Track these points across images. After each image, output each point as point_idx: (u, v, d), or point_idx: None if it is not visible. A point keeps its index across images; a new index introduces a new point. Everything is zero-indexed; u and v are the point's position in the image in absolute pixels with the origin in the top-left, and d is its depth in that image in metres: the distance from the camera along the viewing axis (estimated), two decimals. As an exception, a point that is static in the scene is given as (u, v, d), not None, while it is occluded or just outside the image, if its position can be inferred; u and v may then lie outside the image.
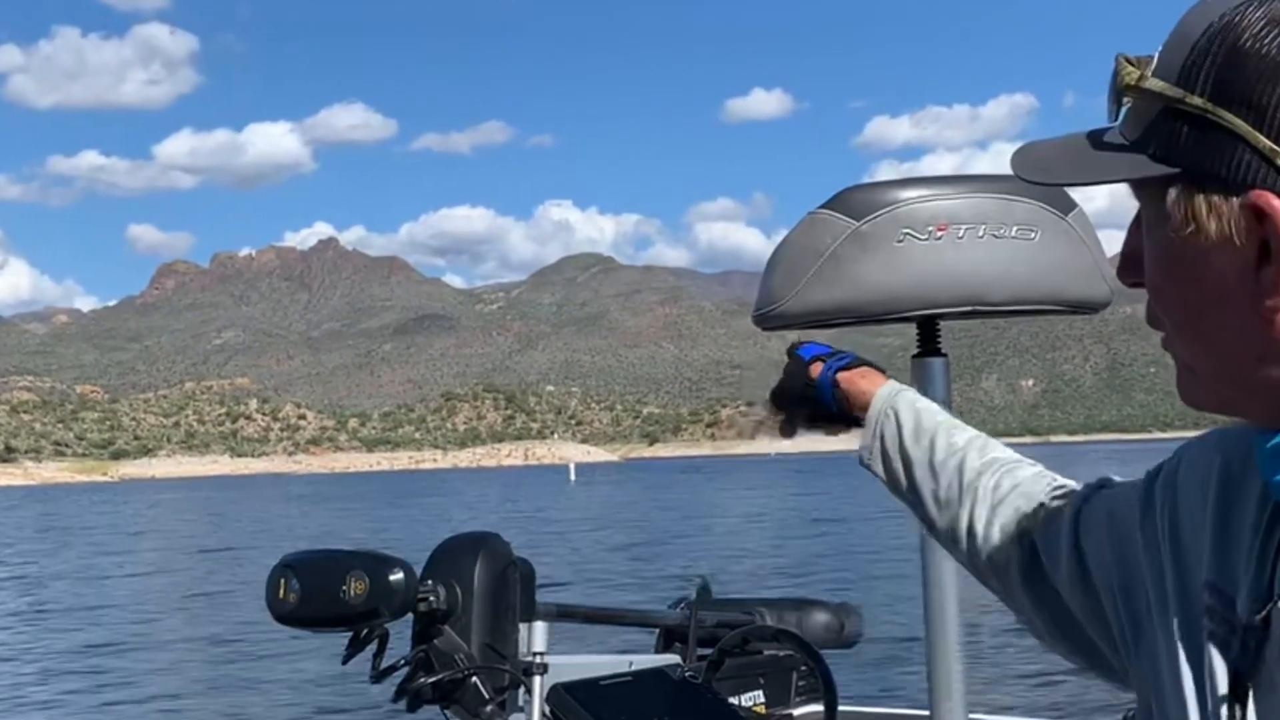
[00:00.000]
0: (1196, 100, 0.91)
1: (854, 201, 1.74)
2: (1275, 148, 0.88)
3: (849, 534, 35.78)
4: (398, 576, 2.07)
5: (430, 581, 2.14)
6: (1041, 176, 1.01)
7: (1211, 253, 0.91)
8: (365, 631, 2.11)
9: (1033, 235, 1.75)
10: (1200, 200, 0.91)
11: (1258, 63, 0.88)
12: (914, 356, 1.81)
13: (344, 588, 2.05)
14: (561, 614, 2.35)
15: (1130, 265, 1.01)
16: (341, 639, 2.15)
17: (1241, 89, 0.89)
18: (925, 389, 1.72)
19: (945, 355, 1.79)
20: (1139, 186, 0.97)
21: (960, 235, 1.75)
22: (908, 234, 1.70)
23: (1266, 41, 0.88)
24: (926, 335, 1.84)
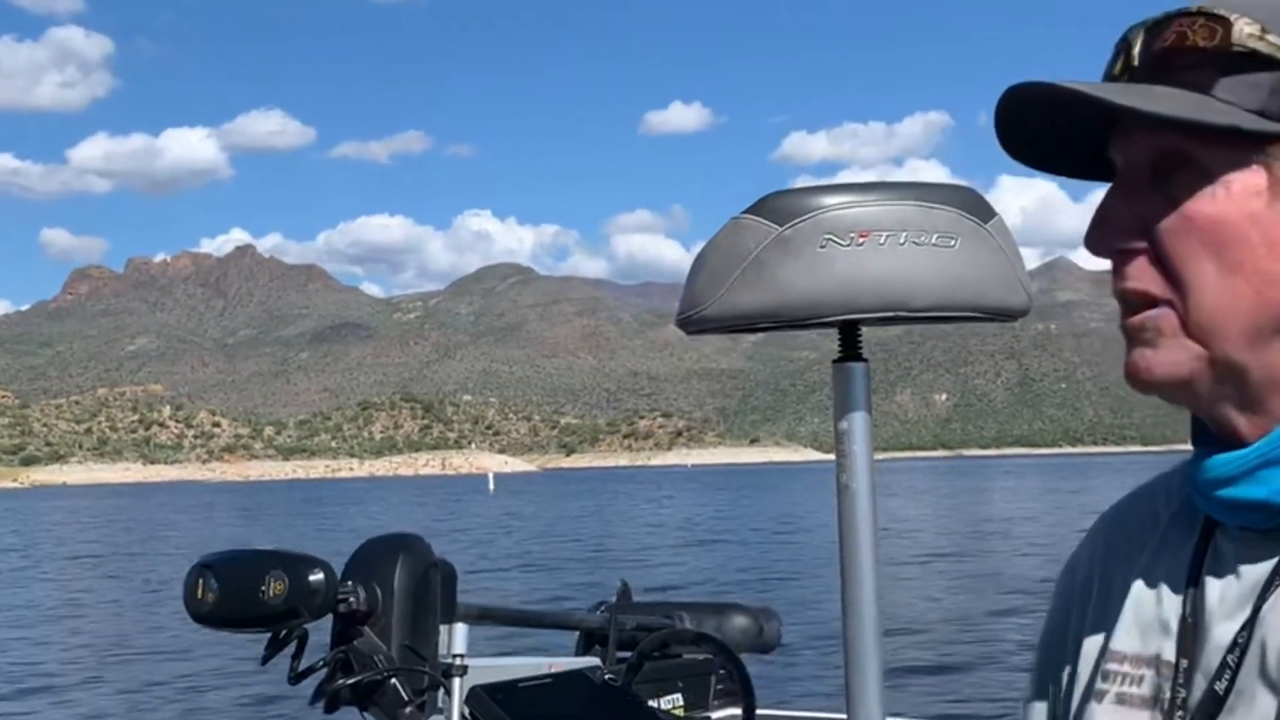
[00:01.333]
0: None
1: (777, 207, 1.76)
2: None
3: (768, 541, 36.02)
4: (318, 577, 2.06)
5: (350, 582, 2.13)
6: (1154, 107, 0.96)
7: None
8: (284, 632, 2.10)
9: (953, 243, 1.78)
10: None
11: None
12: (835, 361, 1.83)
13: (263, 588, 2.04)
14: (482, 616, 2.34)
15: (1119, 232, 1.01)
16: (261, 639, 2.13)
17: None
18: (847, 393, 1.75)
19: (866, 360, 1.81)
20: (1197, 140, 0.97)
21: (882, 242, 1.77)
22: (830, 240, 1.72)
23: None
24: (848, 340, 1.86)
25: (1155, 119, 0.97)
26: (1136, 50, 1.02)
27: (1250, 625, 1.00)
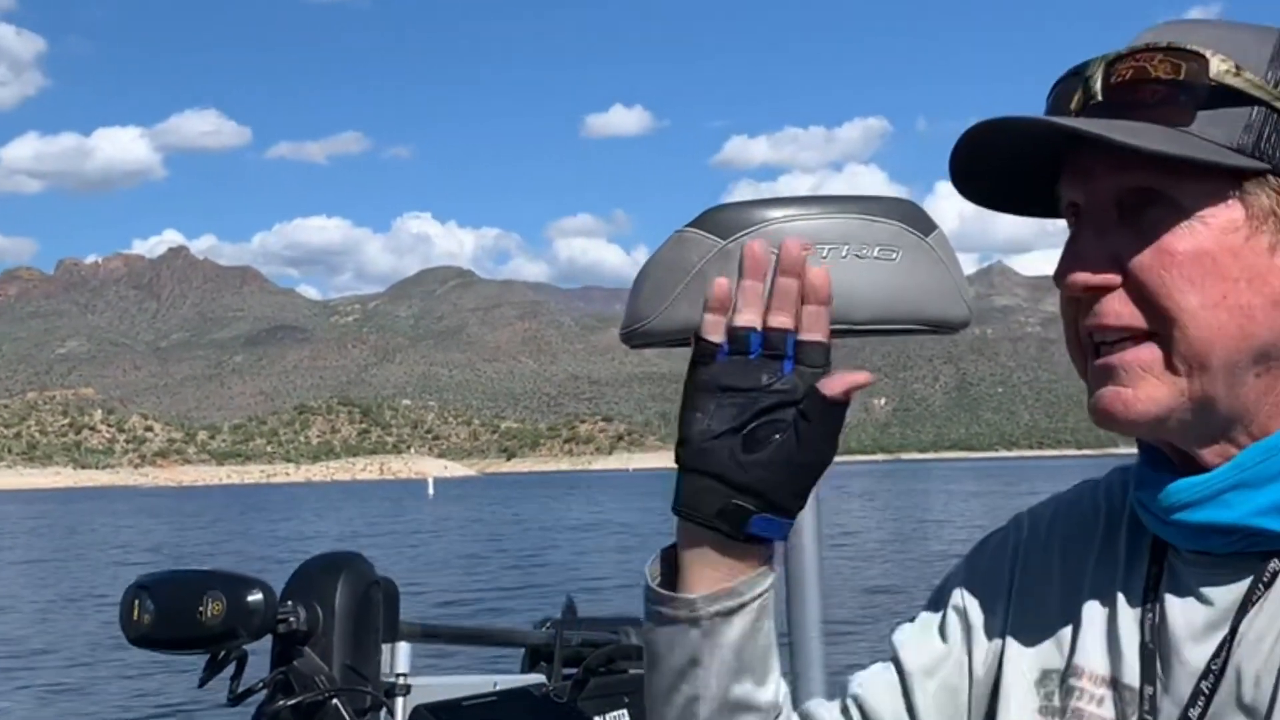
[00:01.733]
0: None
1: (721, 220, 1.75)
2: None
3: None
4: (256, 597, 2.02)
5: (290, 602, 2.10)
6: (1149, 144, 0.96)
7: (1276, 248, 0.99)
8: (223, 653, 2.06)
9: (894, 256, 1.78)
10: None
11: None
12: (781, 375, 1.83)
13: (201, 609, 2.00)
14: (425, 634, 2.32)
15: (1094, 269, 1.01)
16: (199, 661, 2.09)
17: None
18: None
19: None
20: (1174, 175, 0.98)
21: (824, 255, 1.77)
22: (772, 253, 1.72)
23: None
24: (791, 354, 1.86)
25: (1147, 155, 0.97)
26: (1098, 85, 1.02)
27: (1224, 651, 1.01)
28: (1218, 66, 0.98)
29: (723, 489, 1.05)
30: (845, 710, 1.21)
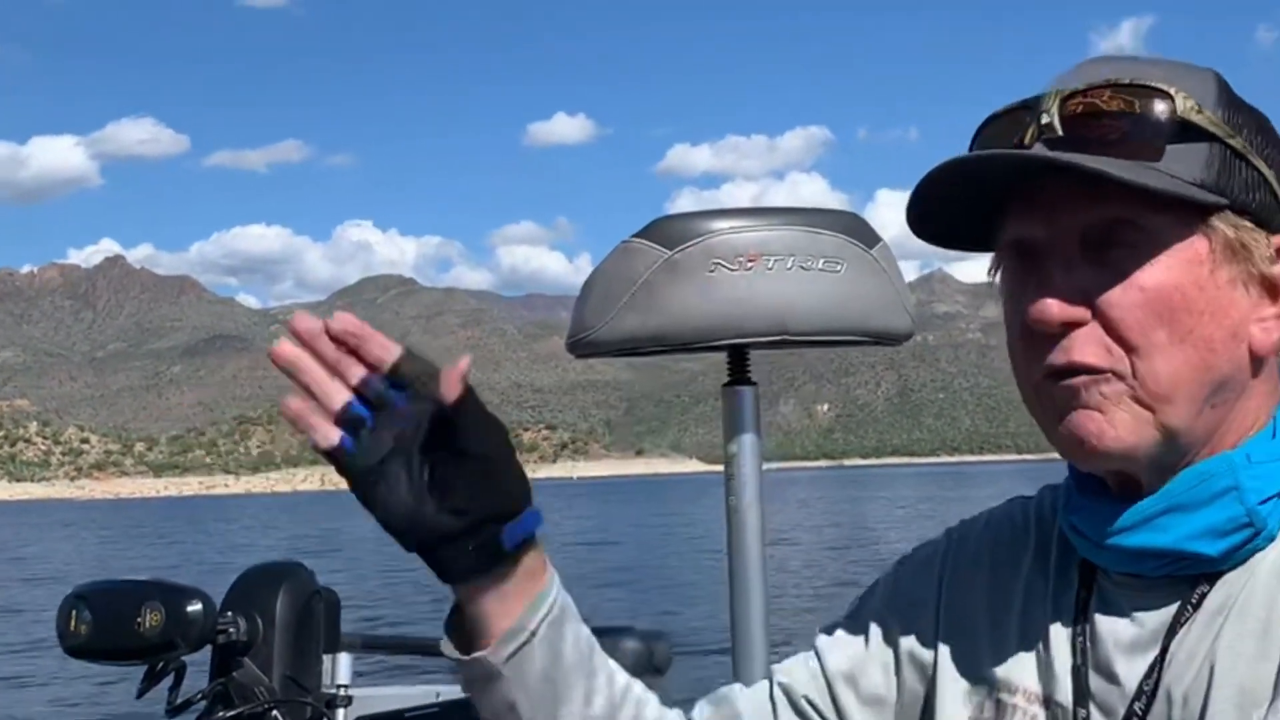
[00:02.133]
0: (1239, 142, 1.02)
1: (667, 231, 1.76)
2: None
3: (657, 556, 36.00)
4: (195, 607, 2.00)
5: (230, 613, 2.07)
6: (1139, 178, 0.97)
7: (1235, 281, 1.01)
8: (161, 664, 2.04)
9: (839, 267, 1.80)
10: (1244, 233, 1.01)
11: (1265, 127, 1.05)
12: (724, 385, 1.83)
13: (139, 619, 1.98)
14: (367, 645, 2.31)
15: (1063, 305, 1.01)
16: (137, 671, 2.07)
17: (1263, 143, 1.04)
18: (736, 416, 1.75)
19: (755, 384, 1.82)
20: (1149, 209, 0.99)
21: (770, 266, 1.78)
22: (719, 264, 1.73)
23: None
24: (736, 364, 1.86)
25: (1121, 189, 0.97)
26: (1056, 119, 1.02)
27: (1156, 673, 1.02)
28: (1183, 104, 1.00)
29: (458, 540, 1.04)
30: (771, 699, 1.23)
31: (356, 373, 1.04)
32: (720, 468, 1.76)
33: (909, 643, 1.19)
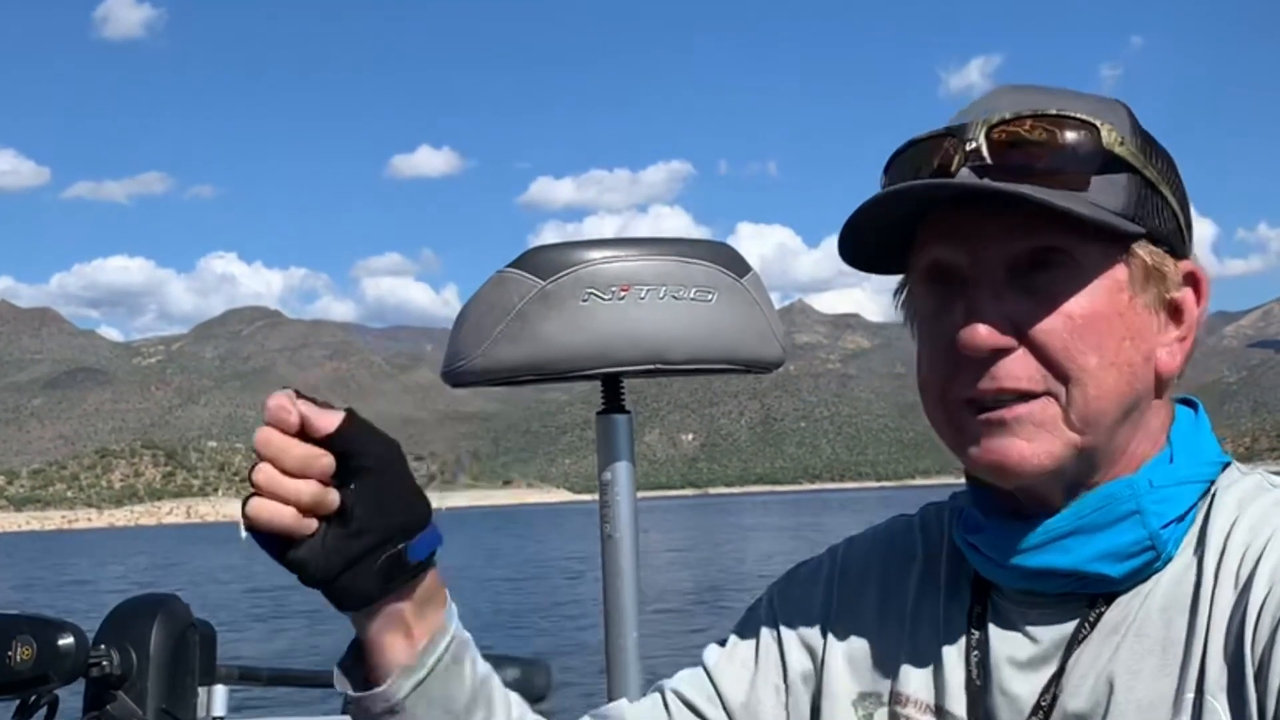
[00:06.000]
0: (1153, 173, 1.06)
1: (541, 261, 1.80)
2: (1186, 227, 1.09)
3: (536, 586, 35.77)
4: (67, 641, 1.98)
5: (104, 646, 2.05)
6: (1077, 207, 1.00)
7: (1150, 307, 1.06)
8: (34, 698, 2.01)
9: (710, 297, 1.85)
10: (1159, 260, 1.05)
11: (1168, 157, 1.09)
12: (599, 413, 1.87)
13: (10, 653, 1.95)
14: (244, 676, 2.29)
15: (992, 332, 1.02)
16: (7, 707, 2.04)
17: (1170, 174, 1.08)
18: (610, 444, 1.78)
19: (629, 412, 1.86)
20: (1077, 237, 1.02)
21: (643, 296, 1.82)
22: (592, 294, 1.76)
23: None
24: (610, 392, 1.90)
25: (1051, 217, 1.00)
26: (984, 148, 1.04)
27: (1053, 689, 1.04)
28: (1108, 136, 1.03)
29: (359, 562, 1.02)
30: (666, 707, 1.24)
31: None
32: (589, 496, 1.79)
33: (798, 659, 1.20)
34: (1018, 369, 1.02)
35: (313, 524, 1.00)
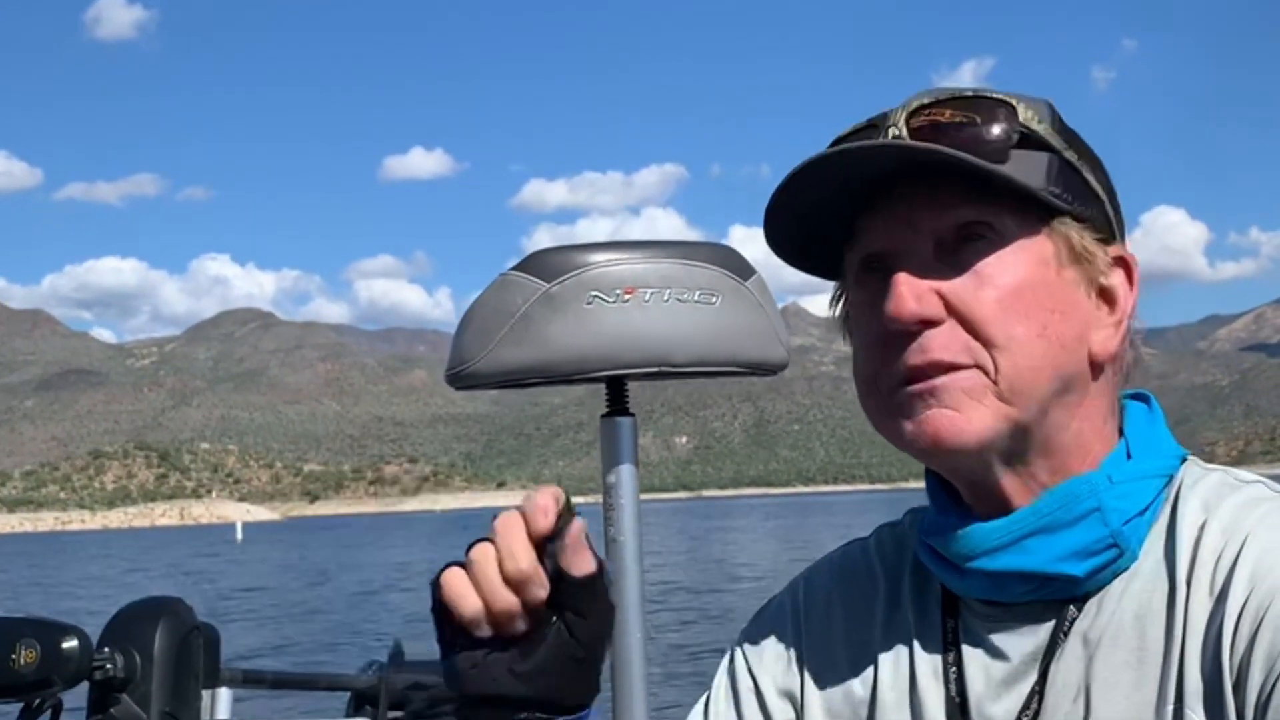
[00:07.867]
0: (1073, 155, 1.07)
1: (545, 263, 1.79)
2: (1116, 217, 1.10)
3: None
4: (71, 644, 1.98)
5: (107, 649, 2.05)
6: (978, 163, 1.01)
7: (1078, 284, 1.06)
8: (37, 702, 2.01)
9: (714, 300, 1.84)
10: (1085, 240, 1.06)
11: (1093, 153, 1.10)
12: (603, 416, 1.87)
13: (13, 656, 1.95)
14: (247, 680, 2.29)
15: (921, 306, 1.02)
16: (11, 710, 2.04)
17: (1094, 165, 1.09)
18: (614, 446, 1.78)
19: (633, 415, 1.86)
20: (999, 210, 1.04)
21: (647, 299, 1.82)
22: (596, 296, 1.75)
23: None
24: (615, 395, 1.89)
25: (970, 191, 1.02)
26: (904, 131, 1.05)
27: (1034, 702, 1.04)
28: (1024, 113, 1.05)
29: (502, 706, 1.00)
30: None
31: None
32: (582, 499, 1.80)
33: (779, 708, 1.20)
34: (943, 340, 1.03)
35: (487, 630, 0.98)
